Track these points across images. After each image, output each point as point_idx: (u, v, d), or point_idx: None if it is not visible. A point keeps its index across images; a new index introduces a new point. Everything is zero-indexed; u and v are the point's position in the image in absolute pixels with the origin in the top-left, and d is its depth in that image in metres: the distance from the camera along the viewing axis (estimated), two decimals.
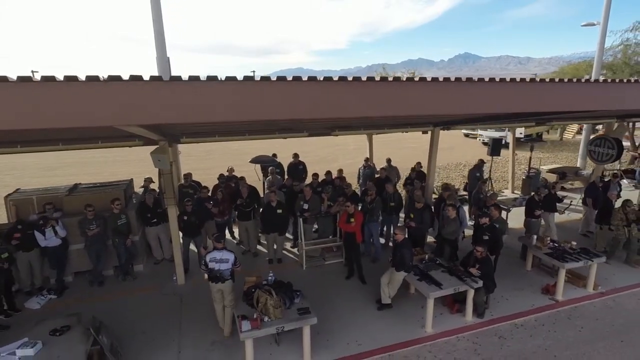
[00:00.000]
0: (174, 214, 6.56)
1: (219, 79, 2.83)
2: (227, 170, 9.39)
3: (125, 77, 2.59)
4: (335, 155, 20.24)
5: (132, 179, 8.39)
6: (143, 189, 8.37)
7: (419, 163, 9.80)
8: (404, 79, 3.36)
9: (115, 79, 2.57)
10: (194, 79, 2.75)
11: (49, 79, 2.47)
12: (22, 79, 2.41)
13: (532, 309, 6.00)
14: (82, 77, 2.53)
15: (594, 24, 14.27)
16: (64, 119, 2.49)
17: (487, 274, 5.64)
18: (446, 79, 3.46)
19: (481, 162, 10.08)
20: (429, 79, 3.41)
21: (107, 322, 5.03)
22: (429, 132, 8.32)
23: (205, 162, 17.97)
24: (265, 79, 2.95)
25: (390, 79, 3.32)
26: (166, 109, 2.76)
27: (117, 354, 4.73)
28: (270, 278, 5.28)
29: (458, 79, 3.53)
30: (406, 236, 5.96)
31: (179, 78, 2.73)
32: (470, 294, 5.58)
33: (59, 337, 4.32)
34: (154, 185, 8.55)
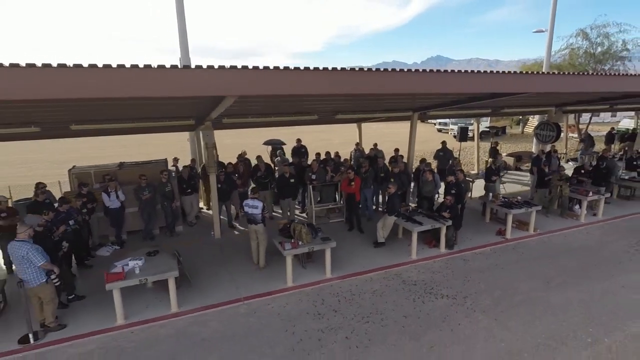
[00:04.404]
0: (214, 180, 8.26)
1: (280, 67, 4.65)
2: (241, 153, 11.14)
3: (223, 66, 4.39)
4: (322, 150, 22.13)
5: (166, 158, 9.97)
6: (174, 167, 10.02)
7: (397, 149, 11.82)
8: None
9: (211, 67, 4.34)
10: (256, 67, 4.52)
11: (187, 67, 4.23)
12: (173, 66, 4.14)
13: (488, 243, 8.09)
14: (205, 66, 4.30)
15: (542, 31, 16.82)
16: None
17: (455, 216, 7.68)
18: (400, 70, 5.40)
19: (444, 143, 12.25)
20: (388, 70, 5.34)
21: None
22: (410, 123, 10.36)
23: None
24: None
25: None
26: (246, 84, 4.57)
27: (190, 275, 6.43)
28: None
29: (401, 70, 5.39)
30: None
31: (246, 67, 4.50)
32: (443, 230, 7.59)
33: (154, 257, 5.99)
34: (181, 163, 10.23)
